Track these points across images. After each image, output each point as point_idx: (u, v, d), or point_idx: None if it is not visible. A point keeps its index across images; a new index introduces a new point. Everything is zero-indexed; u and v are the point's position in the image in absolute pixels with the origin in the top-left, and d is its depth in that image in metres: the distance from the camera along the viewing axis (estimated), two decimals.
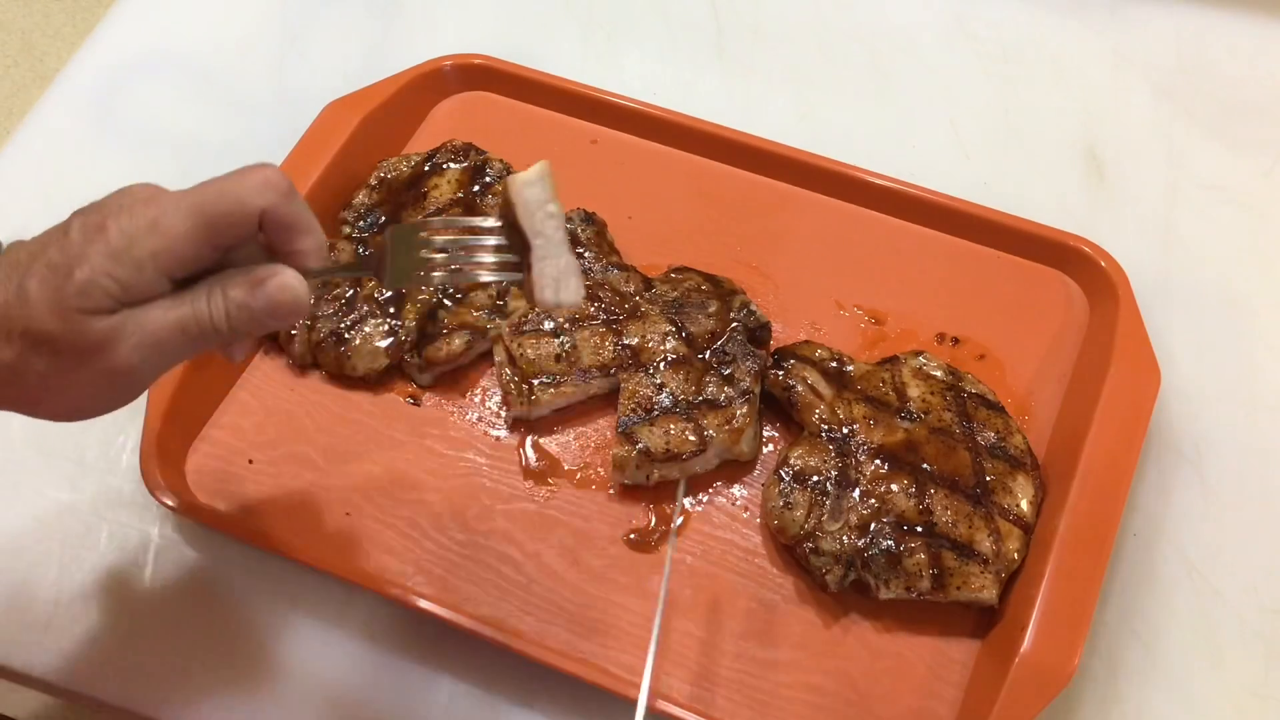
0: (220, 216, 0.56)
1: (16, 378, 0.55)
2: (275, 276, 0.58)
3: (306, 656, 0.75)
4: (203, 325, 0.57)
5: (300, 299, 0.59)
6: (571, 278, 0.61)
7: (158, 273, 0.55)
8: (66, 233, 0.55)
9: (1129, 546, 0.78)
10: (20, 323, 0.54)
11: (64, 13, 2.18)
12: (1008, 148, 0.98)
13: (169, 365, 0.58)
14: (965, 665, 0.73)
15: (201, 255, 0.57)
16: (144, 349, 0.56)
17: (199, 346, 0.58)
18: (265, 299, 0.58)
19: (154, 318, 0.56)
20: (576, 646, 0.74)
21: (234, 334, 0.58)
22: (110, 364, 0.55)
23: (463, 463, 0.81)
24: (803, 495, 0.75)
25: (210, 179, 0.57)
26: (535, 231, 0.61)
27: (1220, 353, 0.86)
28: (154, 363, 0.57)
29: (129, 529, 0.80)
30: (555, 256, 0.61)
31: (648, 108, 0.95)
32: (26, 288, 0.54)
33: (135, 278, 0.55)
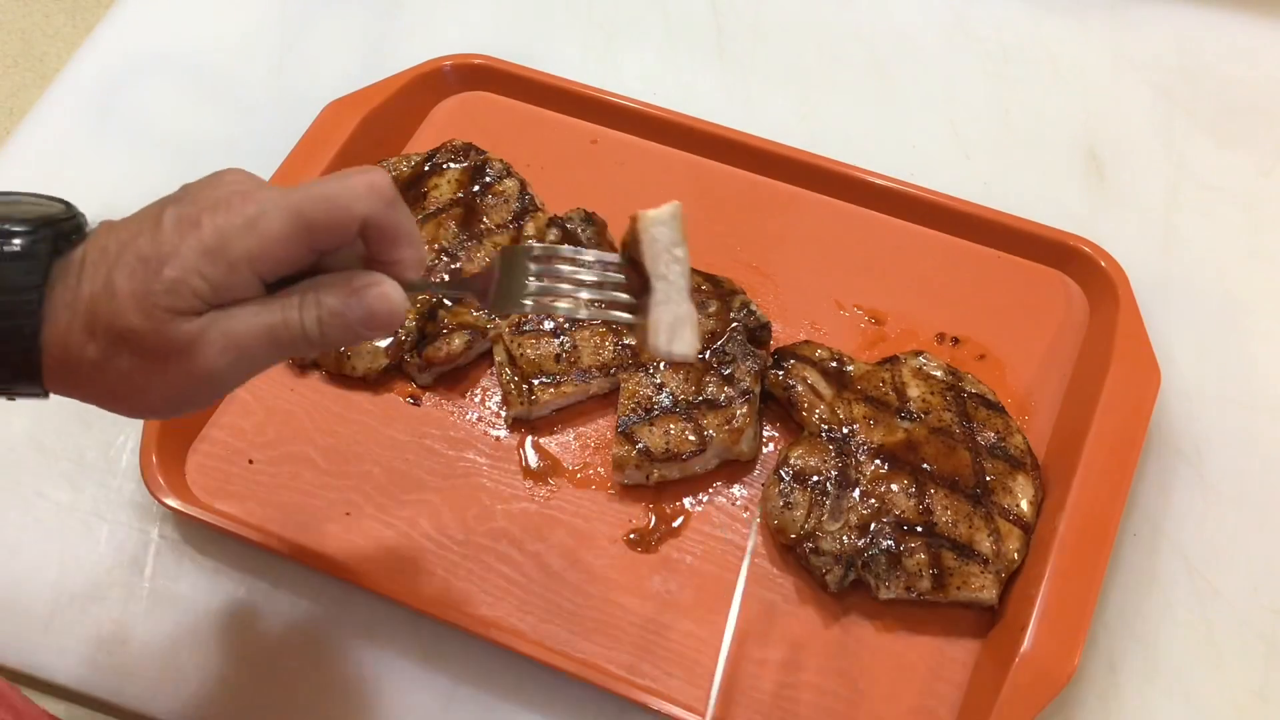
0: (321, 221, 0.54)
1: (100, 374, 0.53)
2: (374, 285, 0.55)
3: (306, 656, 0.75)
4: (293, 333, 0.54)
5: (398, 310, 0.56)
6: (687, 328, 0.58)
7: (251, 274, 0.53)
8: (159, 223, 0.53)
9: (1129, 546, 0.78)
10: (106, 318, 0.52)
11: (64, 13, 2.18)
12: (1008, 148, 0.98)
13: (255, 371, 0.56)
14: (965, 665, 0.73)
15: (297, 259, 0.54)
16: (230, 354, 0.53)
17: (287, 354, 0.55)
18: (363, 309, 0.55)
19: (243, 322, 0.53)
20: (576, 646, 0.74)
21: (325, 343, 0.55)
22: (194, 368, 0.53)
23: (463, 463, 0.81)
24: (803, 495, 0.75)
25: (313, 181, 0.55)
26: (658, 274, 0.57)
27: (1220, 353, 0.86)
28: (239, 369, 0.55)
29: (129, 529, 0.80)
30: (675, 303, 0.58)
31: (648, 108, 0.95)
32: (114, 281, 0.52)
33: (227, 278, 0.52)
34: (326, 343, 0.55)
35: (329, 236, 0.54)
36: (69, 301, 0.52)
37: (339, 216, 0.54)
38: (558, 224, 0.88)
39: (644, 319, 0.58)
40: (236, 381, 0.56)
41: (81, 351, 0.53)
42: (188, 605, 0.77)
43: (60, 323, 0.52)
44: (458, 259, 0.86)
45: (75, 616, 0.76)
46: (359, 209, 0.54)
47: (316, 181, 0.55)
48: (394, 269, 0.57)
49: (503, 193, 0.90)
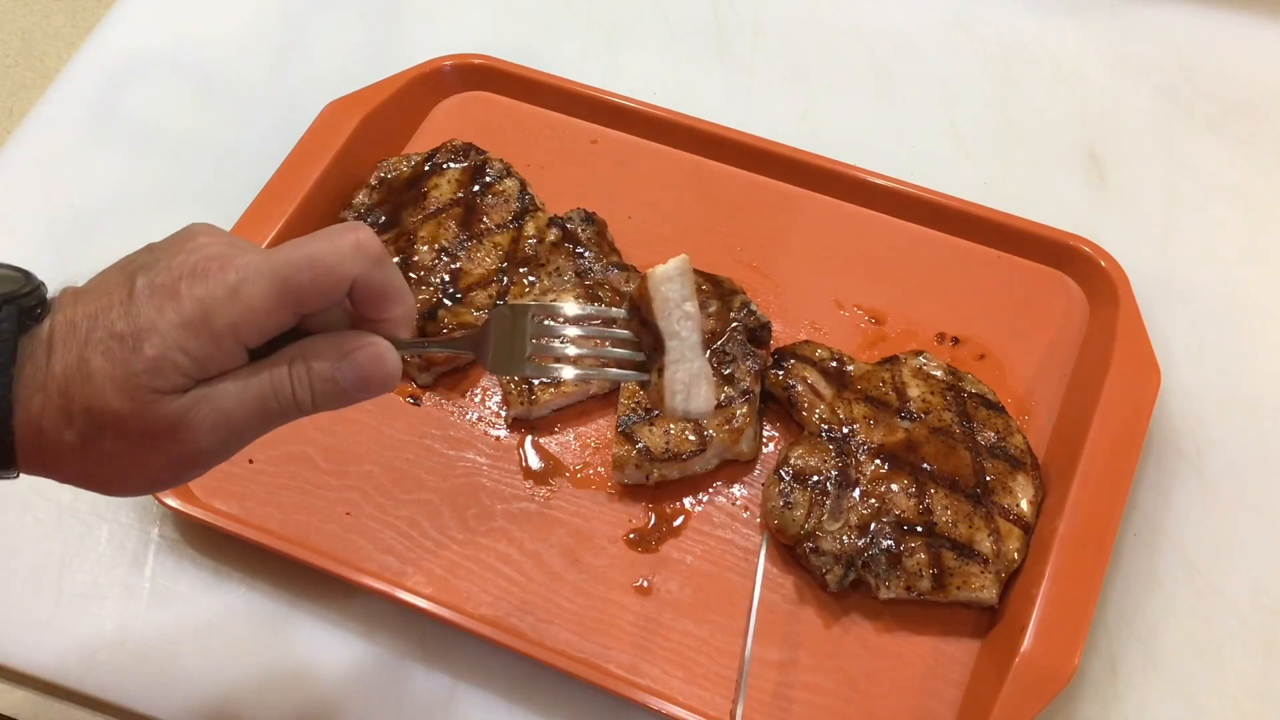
0: (307, 286, 0.51)
1: (80, 457, 0.51)
2: (366, 347, 0.53)
3: (306, 656, 0.75)
4: (284, 402, 0.52)
5: (393, 372, 0.54)
6: (703, 385, 0.57)
7: (235, 344, 0.50)
8: (131, 294, 0.50)
9: (1129, 546, 0.78)
10: (83, 400, 0.49)
11: (64, 13, 2.18)
12: (1008, 148, 0.98)
13: (245, 444, 0.53)
14: (965, 665, 0.73)
15: (282, 324, 0.52)
16: (220, 432, 0.51)
17: (278, 424, 0.53)
18: (355, 372, 0.53)
19: (231, 397, 0.51)
20: (576, 646, 0.73)
21: (318, 409, 0.53)
22: (183, 448, 0.51)
23: (463, 463, 0.81)
24: (803, 495, 0.75)
25: (295, 241, 0.52)
26: (671, 332, 0.57)
27: (1220, 353, 0.86)
28: (229, 445, 0.52)
29: (129, 529, 0.80)
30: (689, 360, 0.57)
31: (648, 108, 0.95)
32: (89, 360, 0.49)
33: (211, 351, 0.50)
34: (319, 409, 0.53)
35: (315, 300, 0.52)
36: (41, 383, 0.49)
37: (326, 280, 0.51)
38: (558, 224, 0.88)
39: (659, 379, 0.57)
40: (224, 456, 0.53)
41: (59, 435, 0.50)
42: (188, 605, 0.77)
43: (33, 406, 0.49)
44: (458, 259, 0.86)
45: (75, 616, 0.76)
46: (347, 271, 0.52)
47: (300, 242, 0.52)
48: (384, 327, 0.55)
49: (503, 193, 0.90)
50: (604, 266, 0.86)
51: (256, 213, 0.87)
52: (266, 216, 0.86)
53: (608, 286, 0.85)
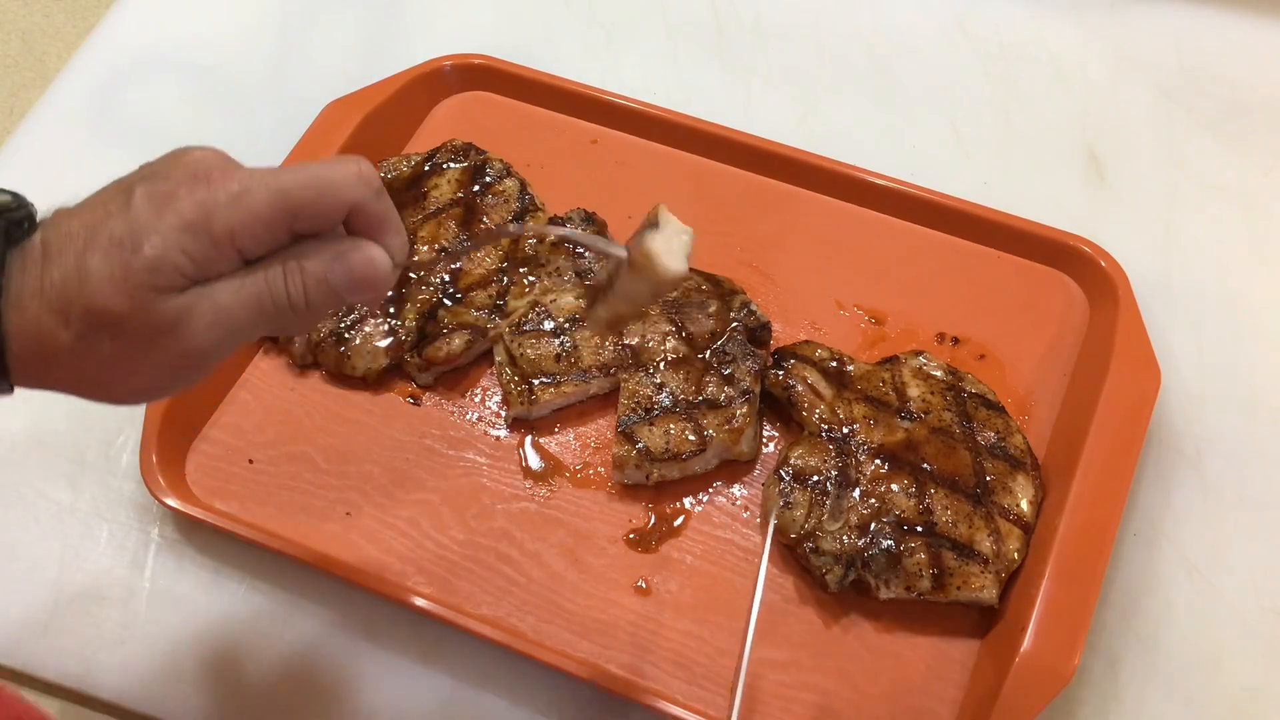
0: (307, 205, 0.53)
1: (78, 361, 0.51)
2: (360, 249, 0.54)
3: (306, 656, 0.75)
4: (279, 302, 0.53)
5: (384, 274, 0.55)
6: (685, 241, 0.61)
7: (233, 250, 0.51)
8: (129, 202, 0.51)
9: (1129, 546, 0.78)
10: (81, 302, 0.49)
11: (64, 13, 2.18)
12: (1008, 148, 0.98)
13: (240, 344, 0.54)
14: (965, 665, 0.73)
15: (278, 240, 0.53)
16: (217, 329, 0.52)
17: (273, 325, 0.54)
18: (347, 273, 0.54)
19: (227, 294, 0.52)
20: (576, 646, 0.74)
21: (311, 311, 0.54)
22: (181, 346, 0.51)
23: (463, 463, 0.81)
24: (803, 495, 0.75)
25: (299, 164, 0.53)
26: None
27: (1220, 353, 0.86)
28: (226, 343, 0.53)
29: (129, 529, 0.80)
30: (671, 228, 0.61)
31: (648, 108, 0.95)
32: (88, 264, 0.49)
33: (211, 254, 0.51)
34: (313, 310, 0.54)
35: (314, 220, 0.53)
36: (36, 289, 0.50)
37: (327, 199, 0.53)
38: (558, 224, 0.88)
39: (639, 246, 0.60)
40: (221, 357, 0.54)
41: (55, 339, 0.50)
42: (188, 605, 0.77)
43: (28, 311, 0.50)
44: (458, 259, 0.86)
45: (75, 616, 0.76)
46: (347, 194, 0.53)
47: (303, 164, 0.54)
48: None
49: (503, 193, 0.90)
50: (604, 266, 0.86)
51: None
52: None
53: None
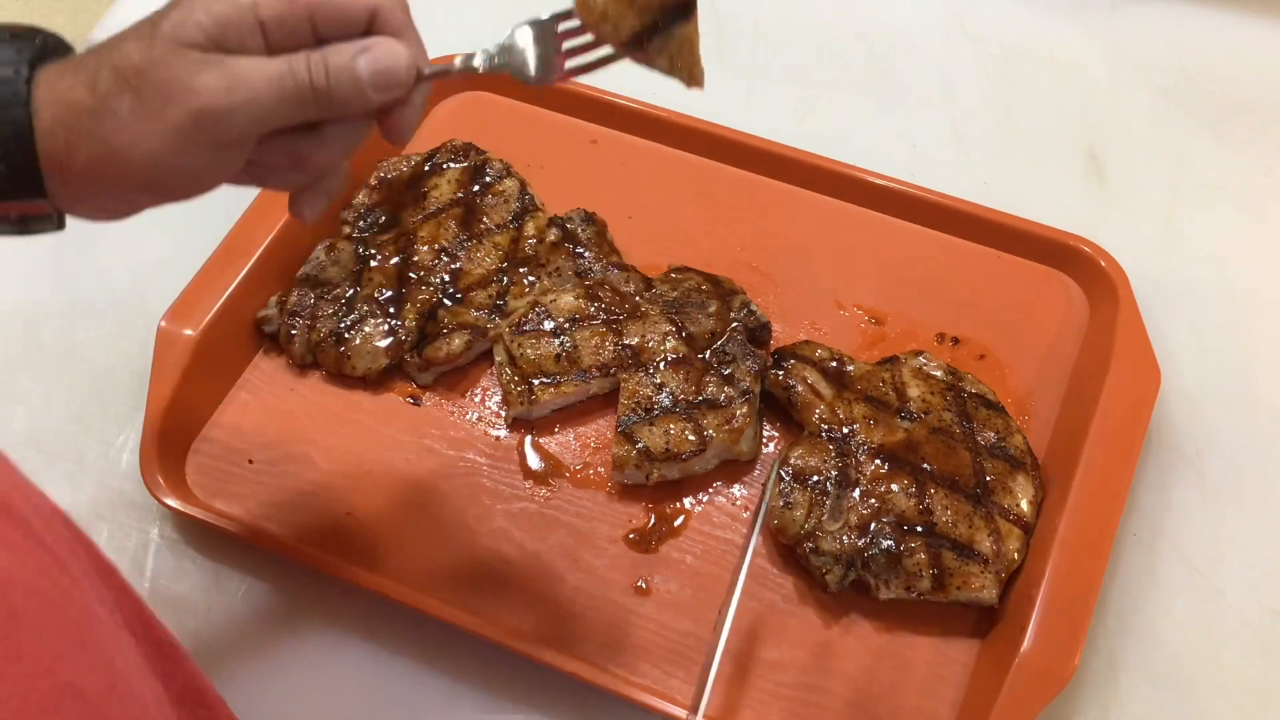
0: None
1: (97, 122, 0.51)
2: (382, 43, 0.54)
3: (306, 656, 0.75)
4: (301, 83, 0.52)
5: (406, 68, 0.55)
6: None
7: (255, 23, 0.52)
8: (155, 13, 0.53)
9: (1129, 546, 0.78)
10: (109, 62, 0.51)
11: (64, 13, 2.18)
12: (1008, 148, 0.98)
13: (260, 125, 0.53)
14: (965, 665, 0.73)
15: (299, 30, 0.53)
16: (236, 92, 0.51)
17: (292, 109, 0.53)
18: (371, 62, 0.54)
19: (250, 65, 0.52)
20: (577, 647, 0.73)
21: (332, 99, 0.54)
22: (199, 102, 0.51)
23: (463, 463, 0.81)
24: (803, 495, 0.75)
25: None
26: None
27: (1220, 353, 0.86)
28: (245, 114, 0.52)
29: (129, 529, 0.80)
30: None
31: (648, 108, 0.95)
32: (122, 36, 0.52)
33: (233, 18, 0.51)
34: (334, 98, 0.54)
35: (336, 16, 0.54)
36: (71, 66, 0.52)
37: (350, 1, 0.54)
38: (558, 224, 0.88)
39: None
40: (239, 134, 0.53)
41: (79, 103, 0.51)
42: (188, 605, 0.77)
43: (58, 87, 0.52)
44: (458, 259, 0.86)
45: None
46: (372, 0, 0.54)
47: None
48: None
49: (503, 193, 0.90)
50: (604, 266, 0.86)
51: (256, 213, 0.87)
52: (266, 216, 0.86)
53: (608, 286, 0.85)
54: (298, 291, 0.85)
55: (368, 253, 0.87)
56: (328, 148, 0.57)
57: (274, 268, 0.86)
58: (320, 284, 0.86)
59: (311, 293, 0.85)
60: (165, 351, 0.80)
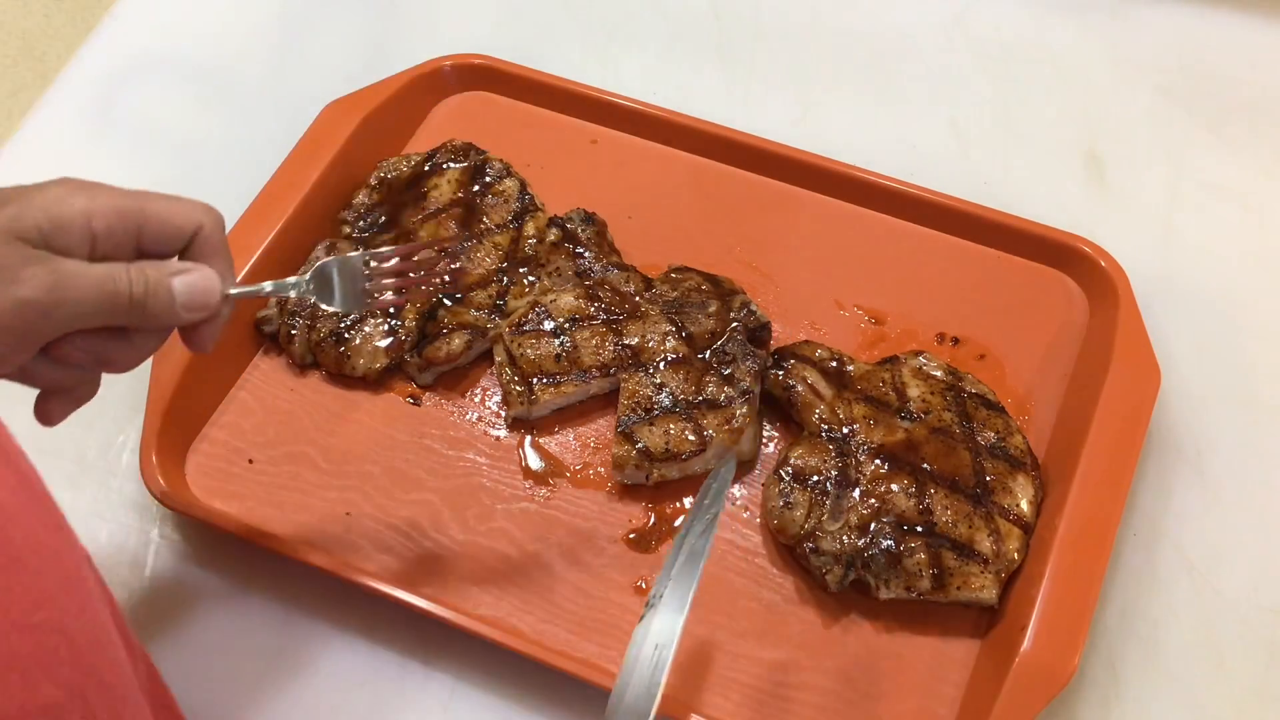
0: (157, 216, 0.58)
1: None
2: (199, 268, 0.59)
3: (306, 656, 0.75)
4: (120, 290, 0.56)
5: (216, 294, 0.60)
6: None
7: (84, 233, 0.55)
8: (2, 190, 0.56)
9: (1129, 546, 0.78)
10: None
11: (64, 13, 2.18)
12: (1008, 148, 0.98)
13: (73, 324, 0.56)
14: (965, 665, 0.73)
15: (125, 243, 0.57)
16: (59, 291, 0.54)
17: (106, 313, 0.57)
18: (186, 285, 0.58)
19: (75, 267, 0.55)
20: (577, 646, 0.74)
21: (146, 311, 0.57)
22: (23, 293, 0.54)
23: (463, 463, 0.81)
24: (803, 495, 0.75)
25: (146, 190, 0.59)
26: None
27: (1220, 353, 0.86)
28: (64, 311, 0.55)
29: (129, 529, 0.80)
30: None
31: (648, 108, 0.95)
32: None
33: (69, 222, 0.55)
34: (147, 311, 0.58)
35: (160, 233, 0.58)
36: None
37: (177, 218, 0.59)
38: (558, 224, 0.88)
39: None
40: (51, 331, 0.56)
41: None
42: (187, 605, 0.77)
43: None
44: (457, 259, 0.86)
45: None
46: (197, 218, 0.59)
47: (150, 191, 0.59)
48: None
49: (503, 193, 0.90)
50: (604, 266, 0.86)
51: (256, 213, 0.87)
52: (266, 216, 0.86)
53: (608, 286, 0.85)
54: None
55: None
56: (134, 351, 0.60)
57: (274, 268, 0.86)
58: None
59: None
60: (165, 351, 0.80)
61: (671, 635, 0.60)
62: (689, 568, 0.63)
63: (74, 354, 0.58)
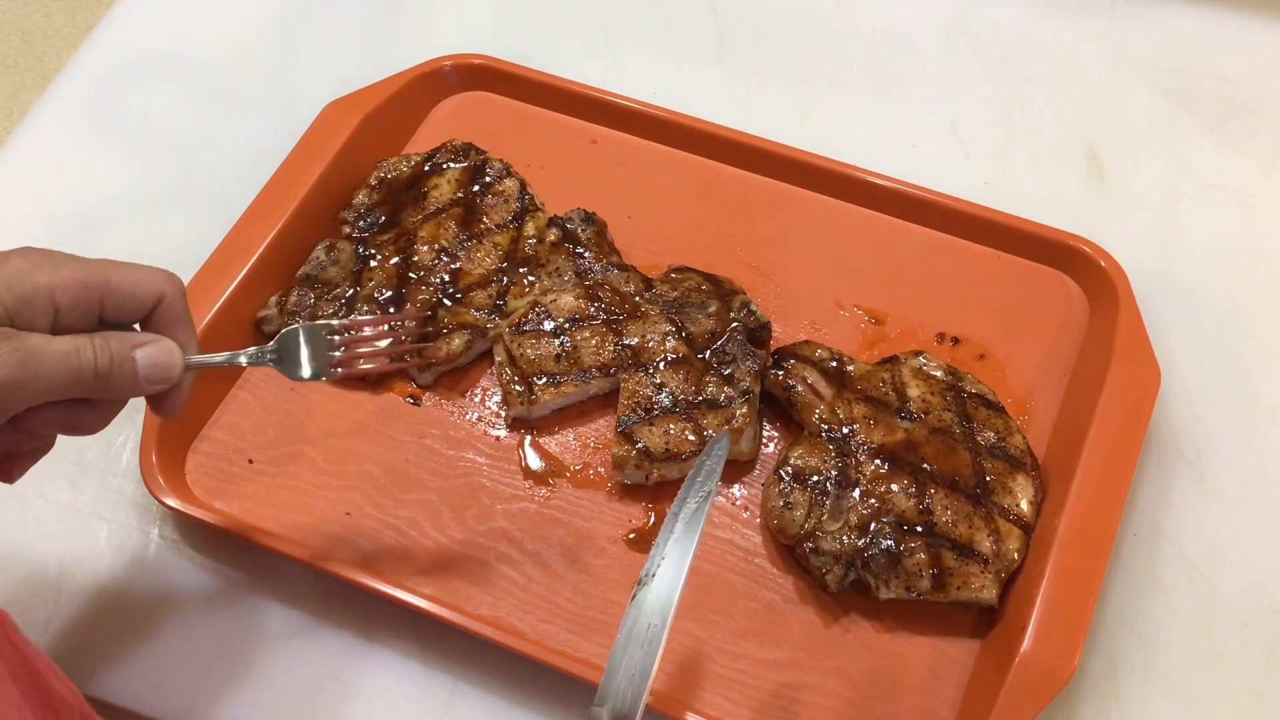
0: (119, 287, 0.59)
1: None
2: (161, 341, 0.61)
3: (306, 656, 0.75)
4: (84, 362, 0.57)
5: (178, 367, 0.61)
6: None
7: (46, 305, 0.56)
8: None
9: (1129, 546, 0.78)
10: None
11: (64, 13, 2.18)
12: (1008, 148, 0.98)
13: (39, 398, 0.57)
14: (965, 665, 0.73)
15: (89, 313, 0.58)
16: (23, 368, 0.55)
17: (75, 388, 0.58)
18: (148, 358, 0.60)
19: (40, 342, 0.56)
20: (576, 646, 0.74)
21: (110, 383, 0.59)
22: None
23: (463, 463, 0.81)
24: (803, 495, 0.75)
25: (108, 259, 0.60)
26: None
27: (1220, 353, 0.86)
28: (31, 388, 0.56)
29: (129, 529, 0.80)
30: None
31: (648, 108, 0.95)
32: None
33: (32, 297, 0.56)
34: (111, 383, 0.59)
35: (124, 302, 0.59)
36: None
37: (141, 287, 0.60)
38: (558, 224, 0.88)
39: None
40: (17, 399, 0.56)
41: None
42: (187, 605, 0.77)
43: None
44: (458, 259, 0.86)
45: (75, 616, 0.76)
46: (159, 286, 0.60)
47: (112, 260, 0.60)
48: None
49: (503, 193, 0.90)
50: (604, 266, 0.86)
51: (256, 213, 0.87)
52: (266, 216, 0.87)
53: (608, 286, 0.85)
54: (298, 291, 0.86)
55: (368, 253, 0.87)
56: (98, 417, 0.61)
57: (274, 268, 0.86)
58: (320, 284, 0.86)
59: (311, 293, 0.85)
60: None
61: (666, 611, 0.59)
62: (683, 542, 0.62)
63: (39, 424, 0.59)
